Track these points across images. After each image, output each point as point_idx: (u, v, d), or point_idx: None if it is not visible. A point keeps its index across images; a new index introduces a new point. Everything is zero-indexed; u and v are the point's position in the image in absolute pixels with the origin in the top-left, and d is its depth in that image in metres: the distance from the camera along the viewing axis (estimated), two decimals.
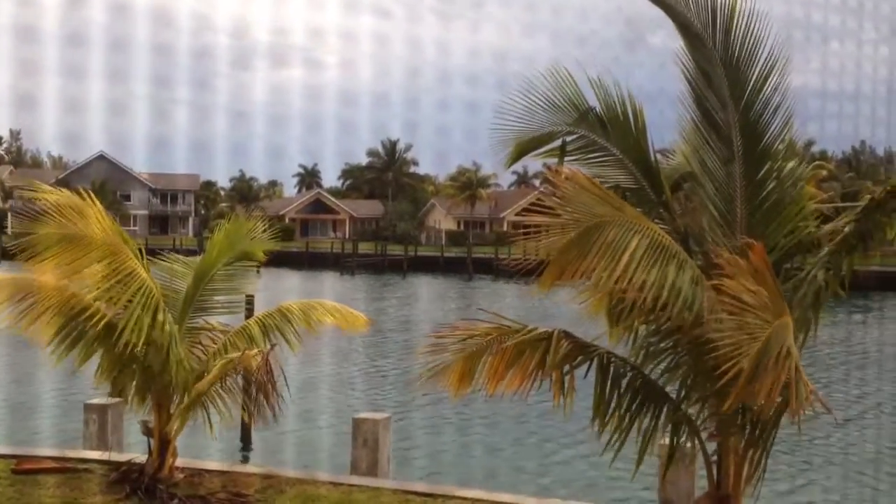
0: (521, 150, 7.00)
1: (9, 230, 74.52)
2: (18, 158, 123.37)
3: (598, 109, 6.77)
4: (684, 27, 6.60)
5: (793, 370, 5.03)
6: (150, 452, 8.55)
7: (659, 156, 7.11)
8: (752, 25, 6.51)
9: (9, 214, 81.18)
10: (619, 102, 6.73)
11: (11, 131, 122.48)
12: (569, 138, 6.90)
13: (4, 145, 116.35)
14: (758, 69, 6.58)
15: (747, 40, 6.54)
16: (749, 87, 6.59)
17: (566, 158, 6.87)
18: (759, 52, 6.55)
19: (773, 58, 6.56)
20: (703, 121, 6.79)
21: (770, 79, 6.59)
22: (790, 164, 6.74)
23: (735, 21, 6.51)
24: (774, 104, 6.64)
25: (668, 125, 7.42)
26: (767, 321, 5.22)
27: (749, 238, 6.53)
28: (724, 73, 6.55)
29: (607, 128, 6.79)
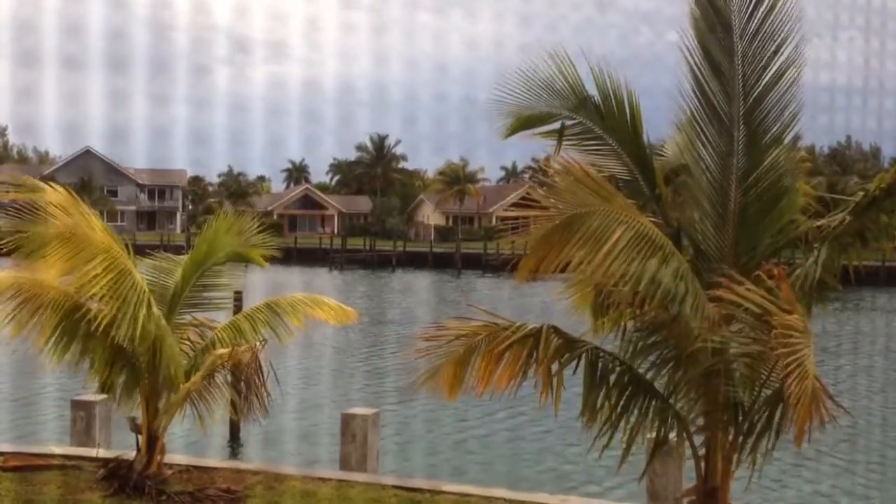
0: (520, 124, 6.94)
1: None
2: (4, 153, 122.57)
3: (596, 98, 6.76)
4: (708, 14, 6.53)
5: (818, 387, 5.08)
6: (137, 449, 8.51)
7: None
8: (777, 17, 6.46)
9: None
10: (617, 93, 6.72)
11: None
12: (567, 123, 6.88)
13: None
14: (777, 63, 6.53)
15: (770, 32, 6.49)
16: (765, 80, 6.54)
17: (563, 143, 6.85)
18: (783, 45, 6.50)
19: (794, 52, 6.50)
20: (704, 113, 6.77)
21: (787, 73, 6.54)
22: (785, 158, 6.74)
23: (761, 11, 6.45)
24: (787, 98, 6.60)
25: (660, 120, 7.43)
26: (807, 344, 5.21)
27: (738, 232, 6.57)
28: (741, 65, 6.51)
29: (604, 117, 6.78)
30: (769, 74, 6.55)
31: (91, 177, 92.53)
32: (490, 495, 8.47)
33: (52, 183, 8.55)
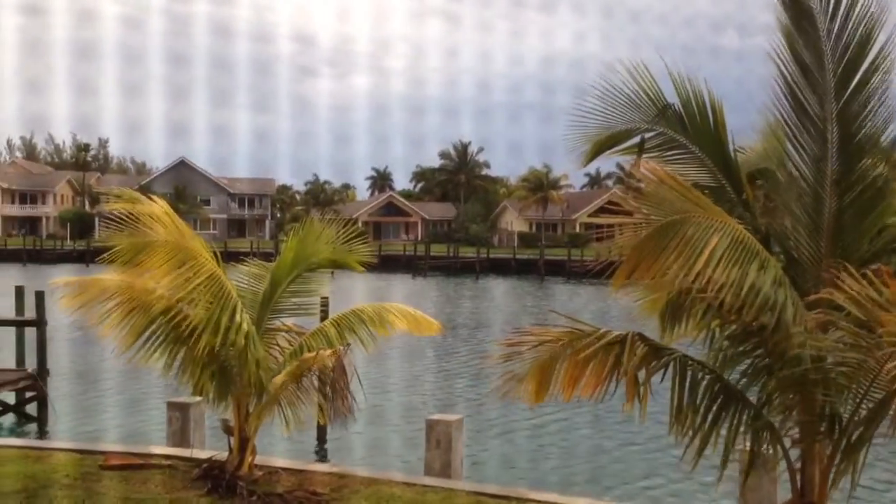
0: (598, 149, 6.90)
1: (96, 235, 77.45)
2: (105, 165, 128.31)
3: (676, 106, 6.64)
4: (798, 12, 6.35)
5: None
6: (230, 450, 8.76)
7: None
8: (869, 11, 6.21)
9: (96, 220, 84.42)
10: (699, 99, 6.59)
11: (100, 139, 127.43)
12: (647, 136, 6.79)
13: (92, 152, 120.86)
14: (868, 60, 6.29)
15: (863, 28, 6.25)
16: (857, 79, 6.31)
17: (644, 156, 6.76)
18: (874, 41, 6.26)
19: (886, 48, 6.25)
20: (794, 117, 6.57)
21: (879, 70, 6.30)
22: (881, 160, 6.49)
23: (843, 7, 6.23)
24: (880, 98, 6.35)
25: (742, 125, 7.24)
26: None
27: (834, 238, 6.34)
28: (832, 64, 6.30)
29: (686, 124, 6.66)
30: (860, 74, 6.31)
31: (185, 186, 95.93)
32: None
33: (147, 193, 8.92)
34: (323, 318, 10.39)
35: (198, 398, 9.84)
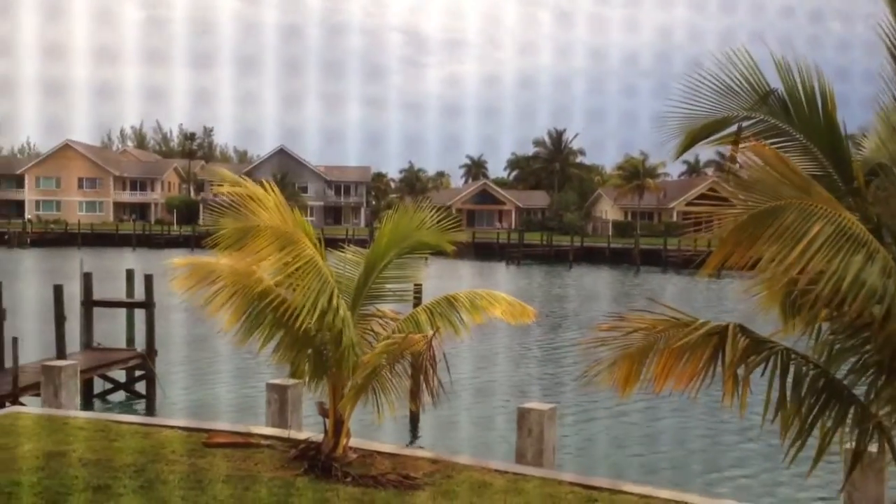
0: (692, 139, 6.72)
1: (201, 220, 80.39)
2: (210, 153, 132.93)
3: (780, 92, 6.38)
4: None
5: None
6: (325, 432, 8.96)
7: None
8: None
9: (201, 206, 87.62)
10: (806, 83, 6.31)
11: (205, 128, 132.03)
12: (745, 123, 6.56)
13: (197, 141, 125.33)
14: None
15: None
16: None
17: (741, 146, 6.53)
18: None
19: None
20: None
21: None
22: None
23: None
24: None
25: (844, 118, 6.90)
26: None
27: None
28: None
29: (790, 111, 6.39)
30: None
31: (284, 174, 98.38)
32: (674, 499, 8.21)
33: (255, 180, 9.18)
34: (416, 305, 10.50)
35: (296, 381, 10.11)
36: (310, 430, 10.20)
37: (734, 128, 6.60)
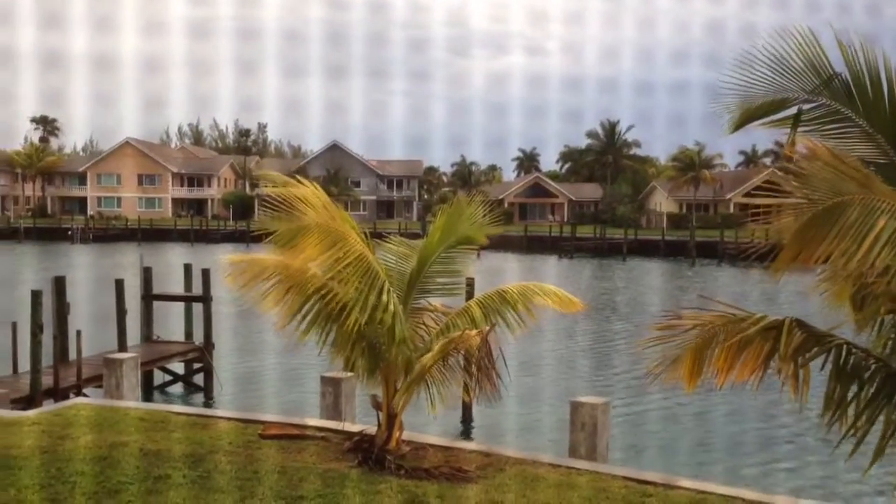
0: (747, 117, 6.51)
1: (255, 216, 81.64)
2: (264, 149, 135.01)
3: (844, 75, 6.18)
4: None
5: None
6: (379, 425, 9.04)
7: None
8: None
9: (256, 201, 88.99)
10: (872, 68, 6.10)
11: (259, 124, 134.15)
12: (805, 107, 6.37)
13: (252, 137, 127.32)
14: None
15: None
16: None
17: (800, 130, 6.36)
18: None
19: None
20: None
21: None
22: None
23: None
24: None
25: None
26: None
27: None
28: None
29: (854, 96, 6.20)
30: None
31: (338, 169, 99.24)
32: (729, 494, 8.08)
33: (298, 177, 9.30)
34: (468, 299, 10.50)
35: (349, 374, 10.20)
36: (363, 422, 10.30)
37: (793, 110, 6.41)
